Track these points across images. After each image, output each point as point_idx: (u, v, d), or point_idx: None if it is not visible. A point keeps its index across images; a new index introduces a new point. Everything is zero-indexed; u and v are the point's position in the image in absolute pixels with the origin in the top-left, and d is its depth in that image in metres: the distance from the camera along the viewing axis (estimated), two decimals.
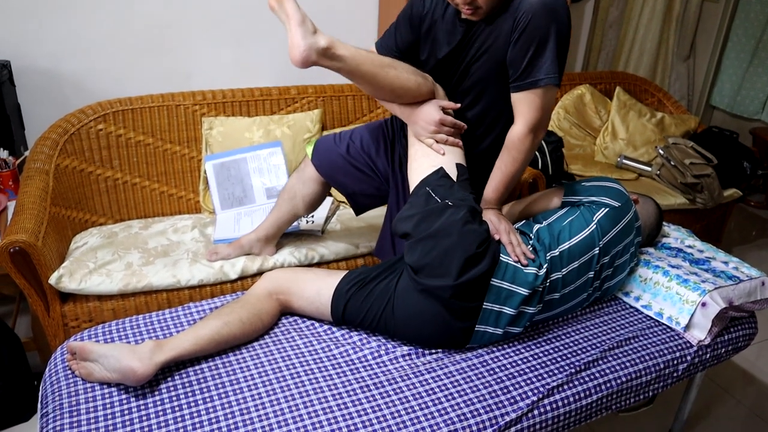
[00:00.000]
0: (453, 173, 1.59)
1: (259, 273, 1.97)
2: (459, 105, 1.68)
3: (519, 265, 1.49)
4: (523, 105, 1.58)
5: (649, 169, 2.97)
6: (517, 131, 1.59)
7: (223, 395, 1.32)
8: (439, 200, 1.51)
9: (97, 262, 1.91)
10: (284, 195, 1.96)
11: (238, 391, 1.34)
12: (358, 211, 1.99)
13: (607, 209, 1.64)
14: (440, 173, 1.58)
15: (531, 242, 1.58)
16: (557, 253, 1.55)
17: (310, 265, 2.06)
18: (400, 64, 1.61)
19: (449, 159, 1.62)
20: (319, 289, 1.56)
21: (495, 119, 1.70)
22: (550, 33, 1.50)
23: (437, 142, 1.63)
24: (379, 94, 1.66)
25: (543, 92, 1.55)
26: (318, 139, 1.92)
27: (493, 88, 1.65)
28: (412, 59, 1.73)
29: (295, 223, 2.15)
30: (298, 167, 1.96)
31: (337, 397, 1.34)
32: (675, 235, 2.02)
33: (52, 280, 1.78)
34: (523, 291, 1.47)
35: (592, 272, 1.61)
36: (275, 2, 1.43)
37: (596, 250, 1.59)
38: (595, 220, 1.61)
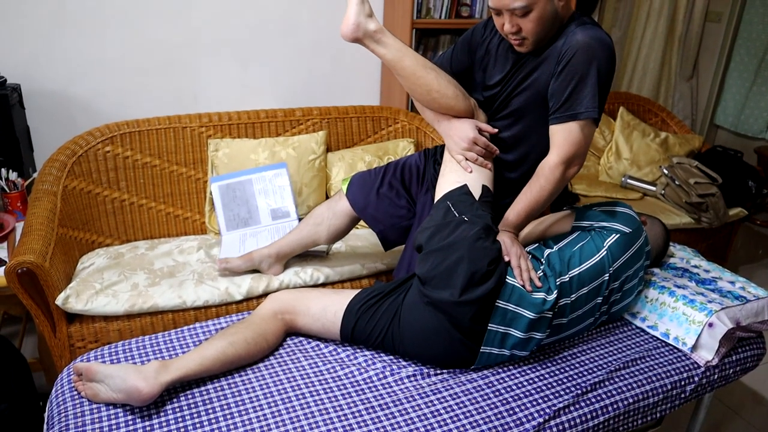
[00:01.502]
0: (477, 192, 1.62)
1: (265, 294, 1.98)
2: (497, 130, 1.72)
3: (524, 287, 1.49)
4: (560, 136, 1.60)
5: (653, 188, 2.97)
6: (550, 161, 1.62)
7: (228, 416, 1.32)
8: (457, 215, 1.53)
9: (103, 283, 1.92)
10: (309, 220, 1.97)
11: (243, 412, 1.33)
12: (387, 246, 1.99)
13: (618, 235, 1.63)
14: (463, 189, 1.61)
15: (542, 267, 1.57)
16: (567, 279, 1.54)
17: (315, 286, 2.06)
18: (443, 72, 1.67)
19: (476, 178, 1.65)
20: (325, 305, 1.57)
21: (527, 150, 1.74)
22: (591, 69, 1.54)
23: (467, 159, 1.68)
24: (416, 92, 1.69)
25: (581, 126, 1.58)
26: (354, 175, 1.96)
27: (529, 118, 1.70)
28: (463, 84, 1.77)
29: None
30: (332, 198, 1.99)
31: (342, 418, 1.34)
32: (681, 255, 2.02)
33: (59, 300, 1.78)
34: (530, 314, 1.47)
35: (601, 298, 1.60)
36: None
37: (606, 276, 1.59)
38: (606, 246, 1.61)
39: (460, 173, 1.67)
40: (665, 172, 2.93)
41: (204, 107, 2.66)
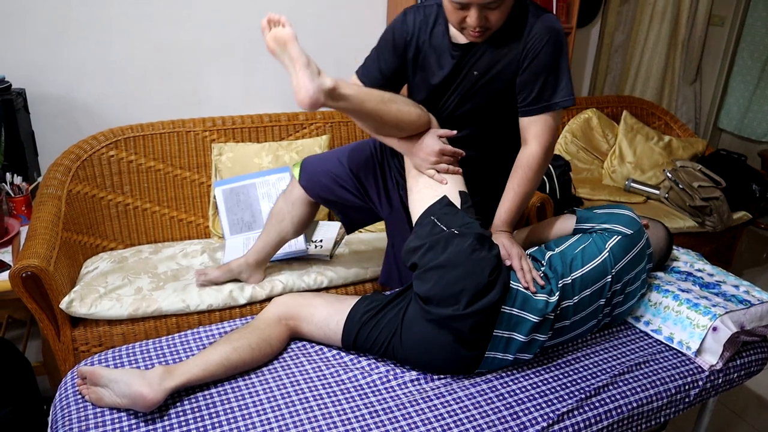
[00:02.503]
0: (457, 201, 1.58)
1: (268, 298, 1.98)
2: (455, 132, 1.67)
3: (528, 292, 1.49)
4: (537, 127, 1.60)
5: (657, 192, 2.97)
6: (532, 152, 1.61)
7: (231, 420, 1.32)
8: (445, 228, 1.50)
9: (107, 287, 1.92)
10: (272, 220, 1.94)
11: (246, 416, 1.33)
12: (351, 228, 1.99)
13: (619, 237, 1.63)
14: (444, 202, 1.57)
15: (543, 269, 1.58)
16: (569, 281, 1.54)
17: (318, 290, 2.07)
18: (398, 97, 1.60)
19: (452, 187, 1.62)
20: (328, 315, 1.56)
21: (491, 144, 1.71)
22: (561, 57, 1.55)
23: (438, 171, 1.63)
24: (382, 130, 1.64)
25: (555, 115, 1.59)
26: (304, 160, 1.91)
27: (490, 112, 1.66)
28: (398, 84, 1.73)
29: (304, 248, 2.16)
30: (285, 189, 1.95)
31: (346, 422, 1.33)
32: (685, 259, 2.01)
33: (63, 304, 1.79)
34: (533, 318, 1.47)
35: (603, 299, 1.60)
36: (276, 45, 1.40)
37: (608, 278, 1.59)
38: (608, 248, 1.61)
39: (435, 186, 1.62)
40: (669, 175, 2.93)
41: (208, 111, 2.67)
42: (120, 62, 2.50)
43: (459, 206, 1.57)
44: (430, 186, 1.63)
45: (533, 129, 1.61)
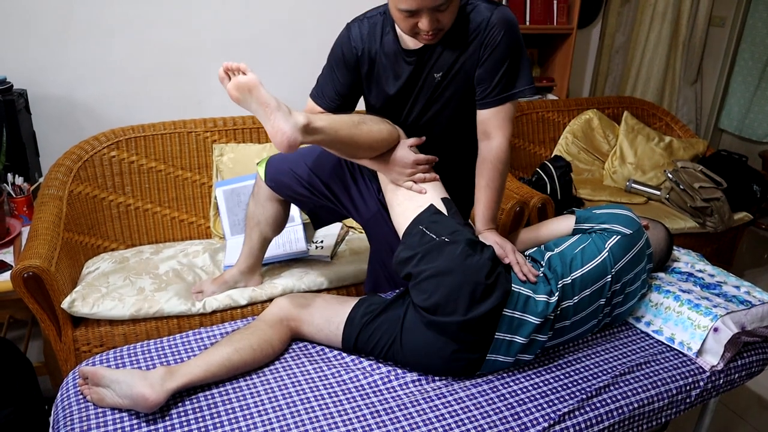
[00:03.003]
0: (442, 209, 1.57)
1: (269, 299, 1.98)
2: (424, 138, 1.65)
3: (531, 293, 1.48)
4: (499, 119, 1.58)
5: (658, 193, 2.97)
6: (499, 144, 1.60)
7: (233, 421, 1.32)
8: (435, 237, 1.48)
9: (109, 287, 1.93)
10: (248, 223, 1.91)
11: (248, 417, 1.33)
12: (317, 225, 1.96)
13: (618, 237, 1.63)
14: (431, 210, 1.55)
15: (542, 270, 1.58)
16: (569, 281, 1.54)
17: (319, 291, 2.07)
18: (367, 117, 1.58)
19: (434, 196, 1.59)
20: (329, 317, 1.57)
21: (456, 143, 1.70)
22: (520, 47, 1.55)
23: (416, 182, 1.61)
24: (357, 154, 1.59)
25: (515, 103, 1.60)
26: (269, 158, 1.85)
27: (456, 112, 1.65)
28: (353, 101, 1.71)
29: (304, 249, 2.16)
30: (253, 191, 1.90)
31: (347, 423, 1.34)
32: (685, 260, 2.01)
33: (65, 304, 1.79)
34: (535, 320, 1.47)
35: (603, 299, 1.60)
36: (240, 93, 1.36)
37: (608, 278, 1.59)
38: (607, 248, 1.61)
39: (417, 197, 1.59)
40: (670, 176, 2.93)
41: (209, 112, 2.67)
42: (121, 63, 2.50)
43: (446, 213, 1.56)
44: (411, 198, 1.60)
45: (495, 121, 1.59)
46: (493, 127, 1.60)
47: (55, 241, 1.89)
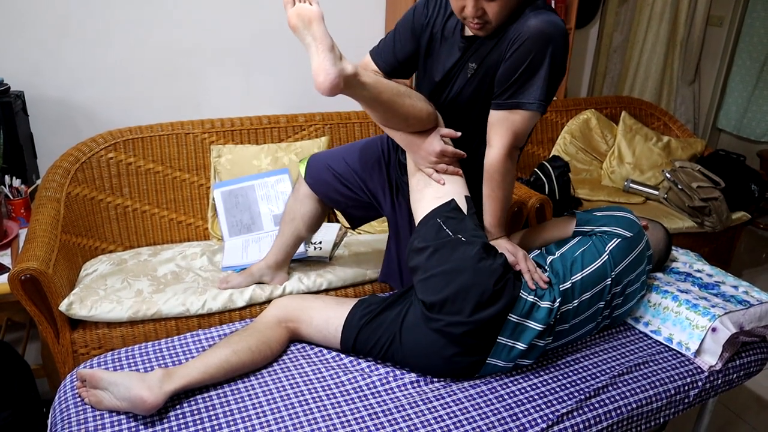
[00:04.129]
0: (462, 206, 1.56)
1: (268, 301, 1.98)
2: (459, 134, 1.63)
3: (537, 300, 1.47)
4: (501, 126, 1.53)
5: (656, 192, 2.97)
6: (495, 155, 1.55)
7: (231, 423, 1.32)
8: (451, 234, 1.48)
9: (107, 289, 1.92)
10: (285, 218, 1.96)
11: (246, 419, 1.33)
12: (353, 224, 1.99)
13: (619, 239, 1.63)
14: (452, 205, 1.54)
15: (547, 274, 1.57)
16: (569, 285, 1.53)
17: (318, 292, 2.06)
18: (413, 92, 1.57)
19: (456, 191, 1.58)
20: (327, 318, 1.56)
21: (474, 137, 1.68)
22: (543, 59, 1.46)
23: (437, 171, 1.61)
24: (391, 122, 1.60)
25: (524, 116, 1.51)
26: (311, 157, 1.90)
27: (478, 107, 1.62)
28: (407, 71, 1.71)
29: (303, 250, 2.15)
30: (294, 187, 1.96)
31: (346, 424, 1.33)
32: (684, 260, 2.01)
33: (63, 306, 1.79)
34: (538, 326, 1.46)
35: (603, 302, 1.60)
36: (300, 21, 1.33)
37: (608, 281, 1.58)
38: (608, 251, 1.60)
39: (437, 187, 1.59)
40: (668, 176, 2.93)
41: (206, 113, 2.67)
42: (118, 64, 2.50)
43: (465, 212, 1.56)
44: (430, 185, 1.60)
45: (497, 128, 1.54)
46: (494, 134, 1.56)
47: (52, 244, 1.88)
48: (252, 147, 2.44)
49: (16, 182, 2.16)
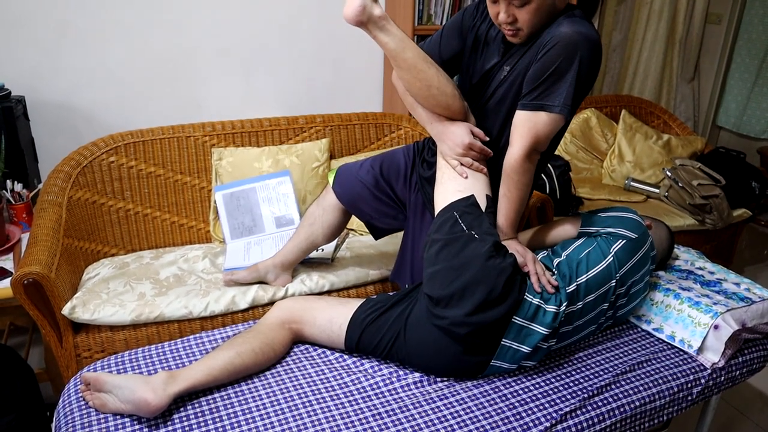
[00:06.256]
0: (482, 203, 1.57)
1: (271, 303, 1.98)
2: (488, 139, 1.66)
3: (542, 303, 1.47)
4: (524, 127, 1.54)
5: (657, 191, 2.97)
6: (514, 155, 1.55)
7: (235, 425, 1.32)
8: (465, 228, 1.49)
9: (109, 293, 1.93)
10: (304, 222, 1.97)
11: (250, 420, 1.34)
12: (377, 236, 2.00)
13: (624, 241, 1.63)
14: (470, 200, 1.56)
15: (554, 277, 1.56)
16: (574, 287, 1.53)
17: (320, 293, 2.07)
18: (442, 70, 1.62)
19: (478, 188, 1.60)
20: (331, 317, 1.57)
21: (502, 138, 1.70)
22: (571, 65, 1.47)
23: (462, 165, 1.63)
24: (415, 86, 1.61)
25: (548, 119, 1.52)
26: (340, 167, 1.93)
27: (507, 109, 1.65)
28: (451, 72, 1.73)
29: None
30: (321, 193, 1.98)
31: (350, 425, 1.34)
32: (685, 257, 2.02)
33: (66, 310, 1.79)
34: (543, 330, 1.46)
35: (607, 303, 1.60)
36: None
37: (613, 282, 1.58)
38: (613, 252, 1.60)
39: (459, 180, 1.61)
40: (668, 174, 2.93)
41: (207, 116, 2.67)
42: (119, 68, 2.50)
43: (483, 209, 1.56)
44: (453, 179, 1.62)
45: (520, 128, 1.55)
46: (516, 134, 1.56)
47: (54, 248, 1.89)
48: (253, 149, 2.45)
49: (18, 187, 2.16)
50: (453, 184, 1.62)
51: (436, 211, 1.61)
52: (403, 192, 1.86)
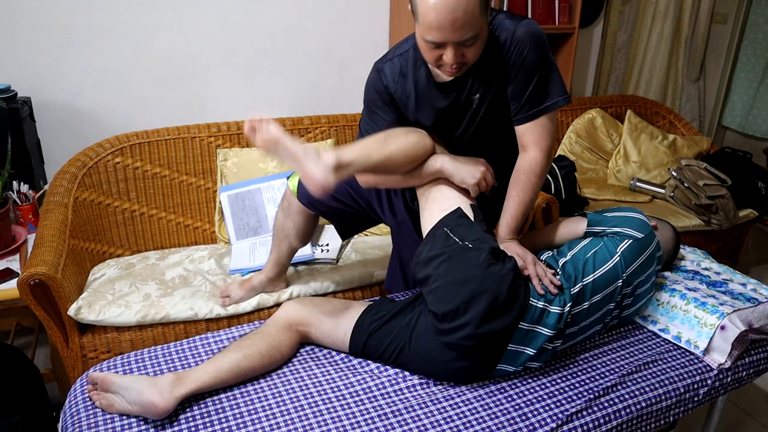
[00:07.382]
0: (469, 213, 1.56)
1: (276, 305, 1.98)
2: (496, 184, 1.66)
3: (546, 306, 1.46)
4: (535, 133, 1.57)
5: (662, 191, 2.97)
6: (535, 158, 1.58)
7: (242, 426, 1.32)
8: (459, 241, 1.47)
9: (115, 294, 1.93)
10: (277, 235, 1.93)
11: (256, 421, 1.34)
12: (344, 235, 1.98)
13: (630, 241, 1.62)
14: (458, 213, 1.54)
15: (558, 278, 1.56)
16: (580, 288, 1.52)
17: (326, 294, 2.07)
18: (392, 130, 1.58)
19: (462, 201, 1.59)
20: (337, 322, 1.57)
21: (498, 153, 1.70)
22: (545, 58, 1.52)
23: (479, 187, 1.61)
24: (400, 169, 1.59)
25: (550, 116, 1.57)
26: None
27: (493, 127, 1.65)
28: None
29: (310, 252, 2.16)
30: (282, 203, 1.92)
31: (356, 426, 1.34)
32: (691, 258, 2.01)
33: (71, 311, 1.80)
34: (548, 332, 1.46)
35: (613, 303, 1.60)
36: (269, 147, 1.38)
37: (619, 282, 1.58)
38: (619, 252, 1.60)
39: (443, 200, 1.59)
40: (674, 174, 2.92)
41: (212, 117, 2.68)
42: (124, 70, 2.51)
43: (472, 219, 1.55)
44: (436, 201, 1.60)
45: (531, 135, 1.58)
46: (529, 141, 1.59)
47: (60, 248, 1.89)
48: (258, 150, 2.45)
49: (24, 188, 2.17)
50: (436, 205, 1.60)
51: (425, 233, 1.58)
52: (375, 200, 1.82)
